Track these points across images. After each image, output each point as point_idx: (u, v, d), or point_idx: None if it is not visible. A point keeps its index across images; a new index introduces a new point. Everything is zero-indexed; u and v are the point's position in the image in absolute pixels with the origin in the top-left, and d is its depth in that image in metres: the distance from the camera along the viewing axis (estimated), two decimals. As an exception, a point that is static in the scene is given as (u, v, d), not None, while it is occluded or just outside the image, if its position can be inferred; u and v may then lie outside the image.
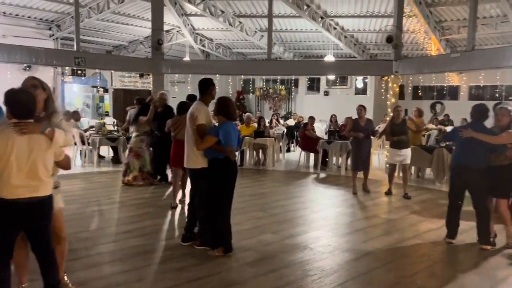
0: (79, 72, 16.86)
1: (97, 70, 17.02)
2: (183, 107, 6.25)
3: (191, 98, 6.59)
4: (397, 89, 12.32)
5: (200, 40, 17.88)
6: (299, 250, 4.68)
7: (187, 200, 5.13)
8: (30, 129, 2.79)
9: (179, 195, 6.62)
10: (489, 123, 4.93)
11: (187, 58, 16.72)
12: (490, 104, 4.95)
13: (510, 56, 8.55)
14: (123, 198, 7.10)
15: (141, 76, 18.20)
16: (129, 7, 14.40)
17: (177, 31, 17.20)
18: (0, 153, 2.73)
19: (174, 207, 6.38)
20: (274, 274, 4.01)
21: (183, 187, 6.71)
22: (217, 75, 12.41)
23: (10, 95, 2.81)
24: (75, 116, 10.66)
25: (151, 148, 8.09)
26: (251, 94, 21.40)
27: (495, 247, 4.85)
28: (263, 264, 4.26)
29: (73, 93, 18.14)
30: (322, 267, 4.22)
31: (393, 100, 11.74)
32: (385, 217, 6.29)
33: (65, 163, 3.10)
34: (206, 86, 4.61)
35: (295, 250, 4.70)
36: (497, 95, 17.15)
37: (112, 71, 17.55)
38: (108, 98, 19.08)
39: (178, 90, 18.01)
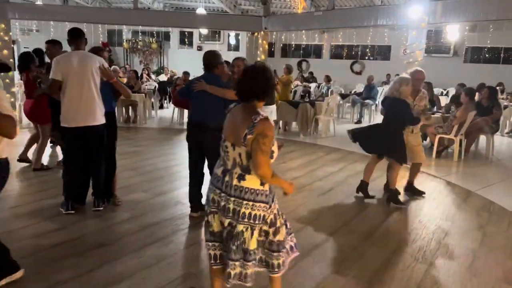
0: None
1: None
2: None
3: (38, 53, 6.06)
4: (267, 46, 12.68)
5: (55, -18, 15.80)
6: (170, 206, 4.62)
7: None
8: None
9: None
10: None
11: (39, 2, 14.65)
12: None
13: (365, 16, 9.36)
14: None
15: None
16: None
17: (26, -30, 14.87)
18: None
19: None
20: (144, 232, 3.90)
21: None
22: (76, 23, 11.14)
23: None
24: None
25: None
26: (117, 46, 19.90)
27: None
28: (133, 223, 4.11)
29: None
30: (194, 220, 4.23)
31: (263, 57, 12.08)
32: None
33: None
34: (80, 34, 4.20)
35: (167, 206, 4.62)
36: (353, 53, 18.90)
37: None
38: None
39: (29, 39, 15.82)
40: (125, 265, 3.27)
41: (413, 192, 5.31)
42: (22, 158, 6.11)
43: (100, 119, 4.19)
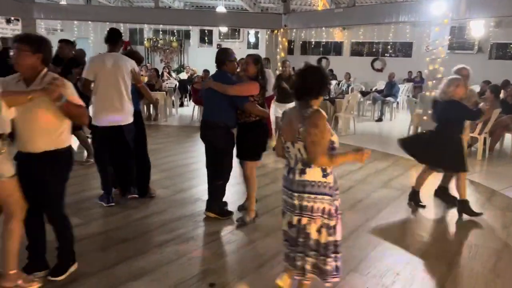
0: None
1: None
2: None
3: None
4: (286, 44, 12.65)
5: (79, -17, 16.09)
6: (190, 203, 4.68)
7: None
8: None
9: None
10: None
11: (63, 2, 14.97)
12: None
13: (386, 13, 9.24)
14: None
15: (8, 21, 15.87)
16: None
17: (50, -29, 15.20)
18: None
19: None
20: (165, 228, 3.96)
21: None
22: (99, 22, 11.35)
23: None
24: None
25: None
26: (138, 45, 20.17)
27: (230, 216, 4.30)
28: (154, 219, 4.18)
29: None
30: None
31: (282, 54, 12.06)
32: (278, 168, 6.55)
33: None
34: (118, 37, 4.39)
35: (187, 203, 4.68)
36: (374, 50, 18.66)
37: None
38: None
39: (54, 38, 16.17)
40: (147, 260, 3.33)
41: (446, 199, 4.95)
42: None
43: (130, 119, 4.34)
